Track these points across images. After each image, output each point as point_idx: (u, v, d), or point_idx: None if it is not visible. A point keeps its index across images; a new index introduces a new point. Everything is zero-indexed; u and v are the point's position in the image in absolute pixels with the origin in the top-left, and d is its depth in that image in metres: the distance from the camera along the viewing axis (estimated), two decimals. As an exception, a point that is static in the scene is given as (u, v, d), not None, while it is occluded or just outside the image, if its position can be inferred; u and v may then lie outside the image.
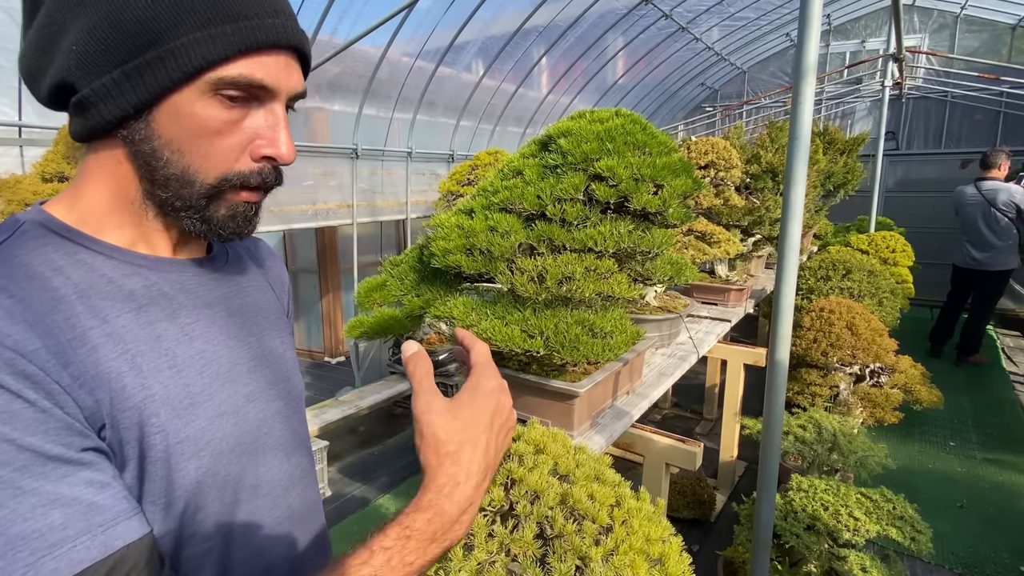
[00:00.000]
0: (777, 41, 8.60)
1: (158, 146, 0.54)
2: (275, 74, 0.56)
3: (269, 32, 0.53)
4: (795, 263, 1.49)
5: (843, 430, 2.27)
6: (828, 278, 3.59)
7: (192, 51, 0.51)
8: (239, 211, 0.59)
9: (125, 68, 0.51)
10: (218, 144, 0.55)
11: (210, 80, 0.52)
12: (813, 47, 1.37)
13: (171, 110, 0.53)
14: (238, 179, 0.57)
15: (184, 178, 0.56)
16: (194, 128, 0.54)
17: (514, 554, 1.16)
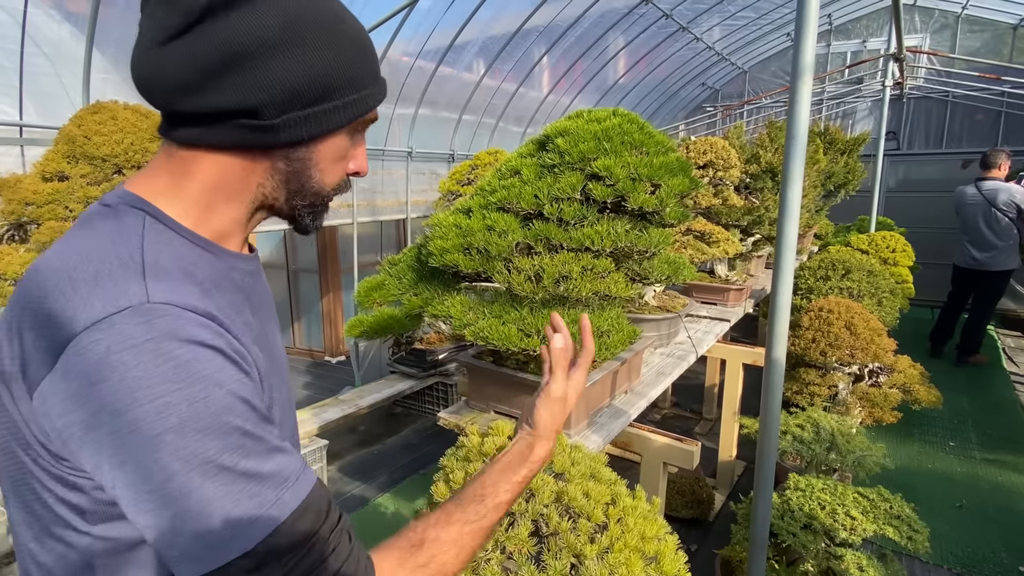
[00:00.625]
0: (778, 41, 8.60)
1: (310, 167, 0.67)
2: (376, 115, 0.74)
3: (383, 95, 0.72)
4: (792, 262, 1.50)
5: (841, 430, 2.27)
6: (827, 278, 3.59)
7: (365, 102, 0.68)
8: (323, 210, 0.75)
9: (315, 109, 0.63)
10: (341, 166, 0.71)
11: (361, 122, 0.70)
12: (810, 47, 1.37)
13: (331, 142, 0.68)
14: (340, 190, 0.74)
15: (318, 191, 0.70)
16: (336, 155, 0.69)
17: (509, 551, 1.17)
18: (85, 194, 2.02)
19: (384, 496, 3.45)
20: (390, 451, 4.08)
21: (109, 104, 2.23)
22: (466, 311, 1.68)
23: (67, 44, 2.89)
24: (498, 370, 1.83)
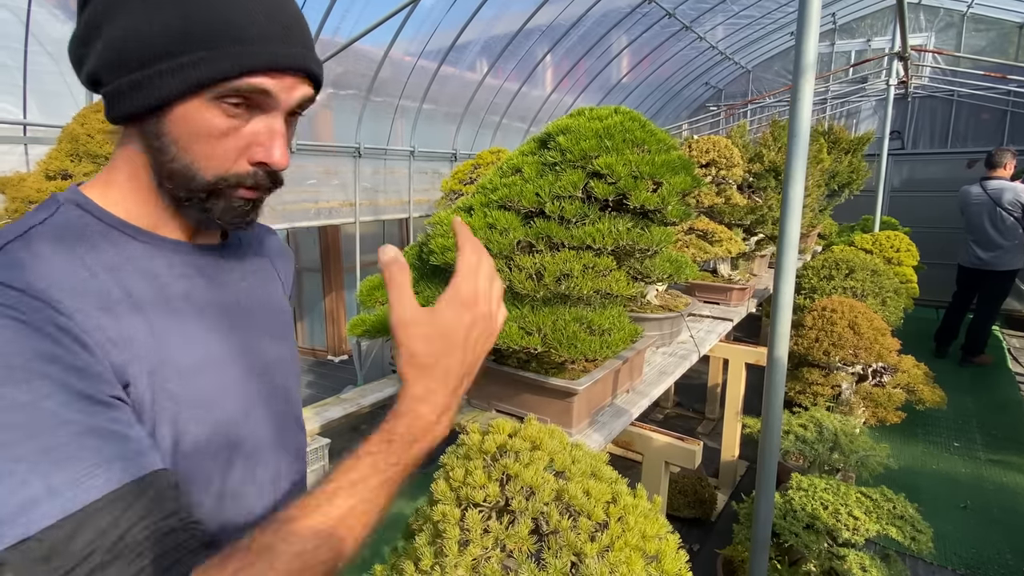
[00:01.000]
0: (781, 40, 8.57)
1: (167, 143, 0.59)
2: (277, 91, 0.60)
3: (273, 59, 0.59)
4: (794, 261, 1.49)
5: (844, 429, 2.26)
6: (831, 277, 3.58)
7: (197, 68, 0.56)
8: (236, 206, 0.64)
9: (139, 74, 0.57)
10: (218, 147, 0.60)
11: (214, 91, 0.58)
12: (812, 45, 1.37)
13: (180, 113, 0.58)
14: (235, 179, 0.62)
15: (187, 173, 0.60)
16: (198, 131, 0.59)
17: (509, 550, 1.16)
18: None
19: (386, 495, 3.44)
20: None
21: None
22: (467, 309, 1.68)
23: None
24: (499, 368, 1.83)
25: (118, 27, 0.56)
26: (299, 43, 0.61)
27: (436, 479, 1.28)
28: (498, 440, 1.31)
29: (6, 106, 2.73)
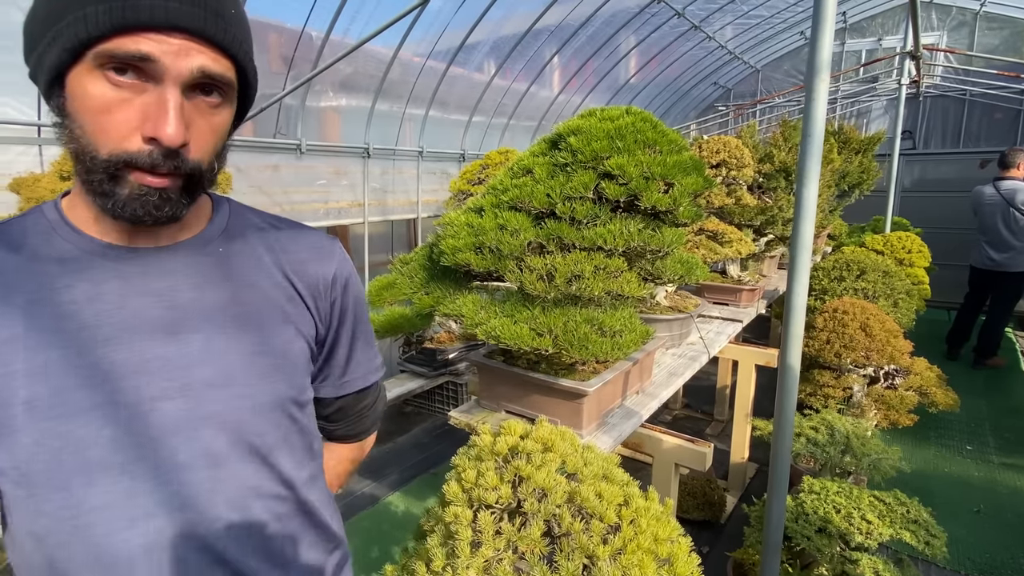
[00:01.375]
0: (791, 39, 8.52)
1: (69, 121, 0.58)
2: (158, 52, 0.55)
3: (146, 12, 0.54)
4: (807, 262, 1.48)
5: (856, 432, 2.25)
6: (842, 279, 3.55)
7: (69, 30, 0.54)
8: (140, 194, 0.59)
9: (36, 53, 0.58)
10: (108, 120, 0.56)
11: (93, 56, 0.55)
12: (827, 44, 1.35)
13: (71, 88, 0.57)
14: (126, 157, 0.57)
15: (86, 152, 0.58)
16: (86, 103, 0.57)
17: (521, 552, 1.16)
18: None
19: (394, 495, 3.45)
20: (400, 449, 4.09)
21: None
22: (478, 310, 1.68)
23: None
24: (509, 369, 1.83)
25: (30, 9, 0.58)
26: (185, 1, 0.56)
27: (448, 480, 1.28)
28: (510, 442, 1.32)
29: (21, 108, 2.76)
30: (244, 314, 0.70)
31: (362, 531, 3.08)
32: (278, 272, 0.75)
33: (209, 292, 0.68)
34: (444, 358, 4.32)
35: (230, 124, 0.66)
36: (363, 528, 3.11)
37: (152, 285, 0.65)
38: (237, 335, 0.69)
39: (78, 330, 0.61)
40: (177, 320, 0.65)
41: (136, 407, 0.61)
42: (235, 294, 0.70)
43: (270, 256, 0.75)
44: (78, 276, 0.62)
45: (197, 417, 0.64)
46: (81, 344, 0.60)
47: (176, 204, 0.61)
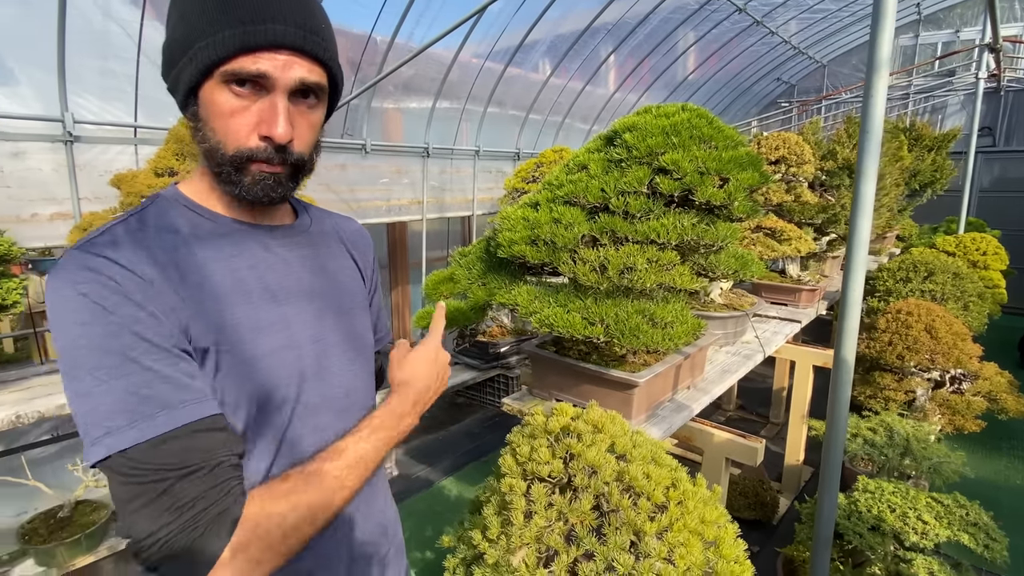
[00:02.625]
0: (860, 33, 8.17)
1: (201, 125, 0.71)
2: (270, 69, 0.68)
3: (263, 36, 0.67)
4: (864, 258, 1.47)
5: (917, 435, 2.18)
6: (908, 280, 3.42)
7: (203, 54, 0.67)
8: (260, 179, 0.73)
9: (176, 69, 0.70)
10: (232, 124, 0.70)
11: (220, 74, 0.68)
12: (887, 39, 1.35)
13: (203, 98, 0.70)
14: (248, 153, 0.71)
15: (213, 149, 0.71)
16: (215, 111, 0.70)
17: (571, 523, 1.23)
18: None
19: (448, 480, 3.58)
20: (453, 438, 4.22)
21: (211, 106, 2.45)
22: (532, 300, 1.75)
23: (170, 53, 3.18)
24: (560, 359, 1.89)
25: (167, 34, 0.70)
26: (290, 23, 0.68)
27: (503, 455, 1.37)
28: (561, 422, 1.39)
29: (119, 112, 3.04)
30: (347, 280, 0.91)
31: (417, 512, 3.22)
32: (348, 254, 0.95)
33: (319, 262, 0.86)
34: (496, 351, 4.42)
35: (321, 121, 0.79)
36: (418, 509, 3.24)
37: (286, 254, 0.81)
38: (345, 294, 0.88)
39: (250, 291, 0.75)
40: (306, 280, 0.82)
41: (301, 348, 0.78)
42: (338, 263, 0.90)
43: (339, 240, 0.94)
44: (237, 248, 0.76)
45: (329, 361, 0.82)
46: (257, 300, 0.75)
47: (286, 187, 0.76)
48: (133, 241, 0.68)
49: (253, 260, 0.77)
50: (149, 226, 0.71)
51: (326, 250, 0.88)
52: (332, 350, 0.82)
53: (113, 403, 0.60)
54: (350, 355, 0.86)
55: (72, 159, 2.81)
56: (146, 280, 0.65)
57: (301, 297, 0.80)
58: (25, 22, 2.68)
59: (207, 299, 0.70)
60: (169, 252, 0.70)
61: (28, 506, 2.96)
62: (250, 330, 0.72)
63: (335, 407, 0.82)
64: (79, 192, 2.84)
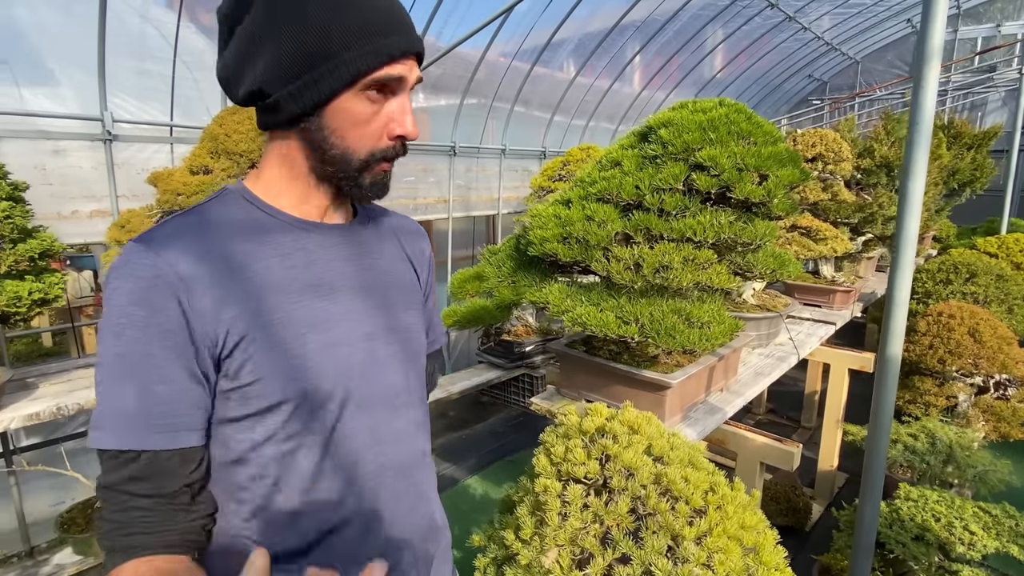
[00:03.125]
0: (896, 28, 7.96)
1: (327, 134, 0.71)
2: (404, 73, 0.71)
3: (401, 46, 0.69)
4: (911, 258, 1.42)
5: (960, 442, 2.11)
6: (948, 282, 3.31)
7: (352, 64, 0.67)
8: (379, 179, 0.76)
9: (305, 78, 0.68)
10: (366, 130, 0.71)
11: (363, 83, 0.68)
12: (939, 29, 1.30)
13: (336, 107, 0.69)
14: (380, 154, 0.73)
15: (344, 156, 0.72)
16: (351, 119, 0.70)
17: (607, 526, 1.20)
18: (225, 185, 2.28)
19: (472, 478, 3.58)
20: (478, 436, 4.22)
21: (245, 105, 2.48)
22: (564, 298, 1.73)
23: (202, 53, 3.24)
24: (590, 359, 1.86)
25: (281, 44, 0.66)
26: (413, 30, 0.72)
27: (537, 454, 1.35)
28: (596, 422, 1.36)
29: (157, 112, 3.11)
30: (402, 280, 0.89)
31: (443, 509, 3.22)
32: (403, 253, 0.93)
33: (373, 260, 0.85)
34: (521, 351, 4.41)
35: None
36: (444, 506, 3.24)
37: (342, 251, 0.81)
38: (399, 294, 0.87)
39: (301, 288, 0.74)
40: (361, 279, 0.82)
41: (351, 346, 0.77)
42: (392, 263, 0.88)
43: (395, 239, 0.92)
44: (295, 245, 0.76)
45: (381, 358, 0.81)
46: (309, 297, 0.75)
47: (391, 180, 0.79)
48: (185, 236, 0.68)
49: (308, 258, 0.76)
50: (207, 220, 0.71)
51: (382, 248, 0.88)
52: (384, 349, 0.81)
53: (110, 403, 0.64)
54: (402, 354, 0.84)
55: (111, 157, 2.88)
56: (186, 279, 0.65)
57: (355, 295, 0.80)
58: (66, 26, 2.75)
59: (255, 295, 0.70)
60: (221, 246, 0.70)
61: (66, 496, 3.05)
62: (298, 326, 0.72)
63: (387, 405, 0.81)
64: (117, 190, 2.91)
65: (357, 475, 0.77)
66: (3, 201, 1.97)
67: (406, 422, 0.84)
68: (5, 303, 1.96)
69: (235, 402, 0.69)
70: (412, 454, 0.85)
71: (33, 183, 2.31)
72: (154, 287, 0.64)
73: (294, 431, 0.71)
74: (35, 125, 2.69)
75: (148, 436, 0.65)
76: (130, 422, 0.64)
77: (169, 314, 0.65)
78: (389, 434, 0.81)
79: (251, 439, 0.70)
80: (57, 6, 2.70)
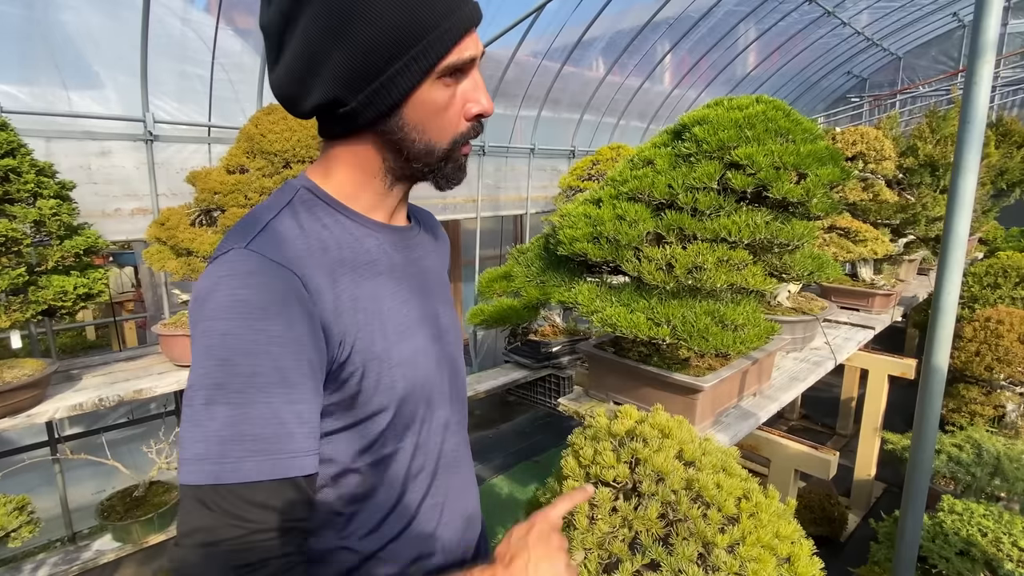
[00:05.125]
0: (941, 22, 7.67)
1: (408, 131, 0.67)
2: (474, 49, 0.67)
3: (468, 18, 0.65)
4: (961, 260, 1.36)
5: (1009, 454, 2.01)
6: (997, 286, 3.17)
7: (427, 54, 0.63)
8: (461, 163, 0.73)
9: (380, 80, 0.63)
10: (446, 117, 0.68)
11: (439, 70, 0.64)
12: (993, 21, 1.24)
13: (414, 101, 0.66)
14: (462, 138, 0.70)
15: (428, 149, 0.69)
16: (431, 110, 0.67)
17: (636, 531, 1.18)
18: (261, 185, 2.31)
19: (498, 478, 3.58)
20: (504, 436, 4.22)
21: (280, 106, 2.53)
22: (593, 298, 1.71)
23: (238, 55, 3.31)
24: (620, 361, 1.84)
25: (346, 52, 0.61)
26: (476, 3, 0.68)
27: (565, 456, 1.33)
28: (626, 425, 1.34)
29: (195, 113, 3.19)
30: (444, 283, 0.90)
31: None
32: (436, 246, 0.92)
33: (429, 261, 0.85)
34: (548, 351, 4.39)
35: None
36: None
37: (409, 255, 0.80)
38: (445, 298, 0.88)
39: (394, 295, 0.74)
40: (427, 282, 0.82)
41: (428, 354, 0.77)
42: (439, 267, 0.89)
43: (431, 232, 0.91)
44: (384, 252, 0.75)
45: (444, 358, 0.81)
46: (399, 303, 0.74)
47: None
48: (295, 243, 0.65)
49: (390, 263, 0.75)
50: (305, 227, 0.68)
51: (430, 249, 0.88)
52: (443, 349, 0.82)
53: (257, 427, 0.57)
54: (456, 352, 0.87)
55: (152, 157, 2.97)
56: (311, 289, 0.62)
57: (422, 298, 0.79)
58: (110, 30, 2.84)
59: (357, 304, 0.68)
60: (323, 255, 0.67)
61: (107, 484, 3.15)
62: (391, 333, 0.71)
63: (449, 400, 0.83)
64: (157, 188, 2.99)
65: (438, 469, 0.80)
66: (52, 199, 2.05)
67: (460, 416, 0.87)
68: (52, 297, 2.03)
69: (336, 416, 0.67)
70: (459, 445, 0.87)
71: (79, 182, 2.39)
72: (287, 301, 0.59)
73: (391, 436, 0.72)
74: (82, 126, 2.78)
75: (288, 463, 0.58)
76: (267, 447, 0.57)
77: (303, 329, 0.60)
78: (453, 426, 0.83)
79: (351, 450, 0.70)
80: (102, 11, 2.79)
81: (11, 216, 1.96)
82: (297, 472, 0.58)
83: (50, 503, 3.01)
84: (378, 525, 0.74)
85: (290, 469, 0.57)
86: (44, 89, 2.70)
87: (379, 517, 0.74)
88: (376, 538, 0.74)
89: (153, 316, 3.41)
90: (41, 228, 2.04)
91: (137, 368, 2.49)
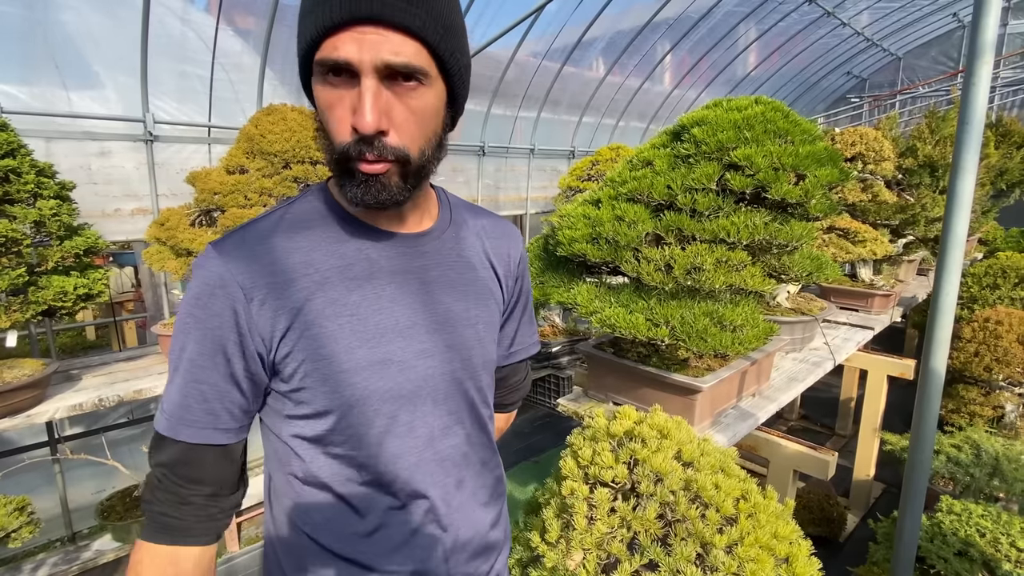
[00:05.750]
0: (940, 23, 7.68)
1: (323, 120, 0.65)
2: (350, 50, 0.58)
3: (334, 12, 0.57)
4: (959, 261, 1.36)
5: (1008, 454, 2.01)
6: (996, 286, 3.17)
7: (299, 41, 0.62)
8: (362, 181, 0.64)
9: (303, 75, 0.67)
10: (332, 118, 0.62)
11: (317, 63, 0.61)
12: (992, 22, 1.24)
13: (315, 91, 0.64)
14: (346, 149, 0.62)
15: (328, 147, 0.65)
16: (321, 106, 0.64)
17: (635, 531, 1.18)
18: (260, 185, 2.31)
19: (498, 479, 3.57)
20: (503, 437, 4.21)
21: (279, 107, 2.52)
22: (592, 299, 1.71)
23: (237, 55, 3.32)
24: (619, 361, 1.84)
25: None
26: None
27: (564, 457, 1.34)
28: (625, 425, 1.34)
29: (195, 114, 3.19)
30: (472, 292, 0.81)
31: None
32: (485, 258, 0.85)
33: (447, 272, 0.79)
34: (547, 351, 4.39)
35: (435, 108, 0.66)
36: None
37: (408, 263, 0.76)
38: (465, 307, 0.80)
39: (360, 300, 0.72)
40: (424, 292, 0.76)
41: (405, 363, 0.74)
42: (463, 274, 0.81)
43: (479, 243, 0.85)
44: (359, 255, 0.73)
45: (435, 376, 0.76)
46: (363, 308, 0.72)
47: (392, 190, 0.65)
48: (256, 244, 0.69)
49: (370, 269, 0.72)
50: (285, 221, 0.72)
51: (458, 255, 0.81)
52: (440, 367, 0.77)
53: (172, 395, 0.69)
54: (462, 371, 0.79)
55: (152, 157, 2.97)
56: (246, 289, 0.67)
57: (415, 310, 0.75)
58: (110, 30, 2.84)
59: (311, 307, 0.69)
60: (286, 256, 0.69)
61: (106, 484, 3.15)
62: (349, 339, 0.70)
63: (439, 421, 0.78)
64: (157, 189, 3.00)
65: (396, 484, 0.75)
66: (52, 200, 2.05)
67: (458, 438, 0.80)
68: (52, 297, 2.03)
69: (291, 403, 0.72)
70: (458, 464, 0.81)
71: (79, 182, 2.40)
72: (214, 294, 0.66)
73: (341, 439, 0.72)
74: (81, 126, 2.79)
75: (180, 429, 0.68)
76: (172, 412, 0.69)
77: (222, 320, 0.66)
78: (443, 449, 0.78)
79: (304, 438, 0.72)
80: (102, 11, 2.79)
81: (11, 216, 1.96)
82: (186, 439, 0.68)
83: (50, 503, 3.02)
84: (330, 521, 0.75)
85: (179, 434, 0.68)
86: (44, 89, 2.70)
87: (333, 514, 0.75)
88: (333, 536, 0.75)
89: (153, 316, 3.41)
90: (41, 228, 2.04)
91: (137, 368, 2.49)
